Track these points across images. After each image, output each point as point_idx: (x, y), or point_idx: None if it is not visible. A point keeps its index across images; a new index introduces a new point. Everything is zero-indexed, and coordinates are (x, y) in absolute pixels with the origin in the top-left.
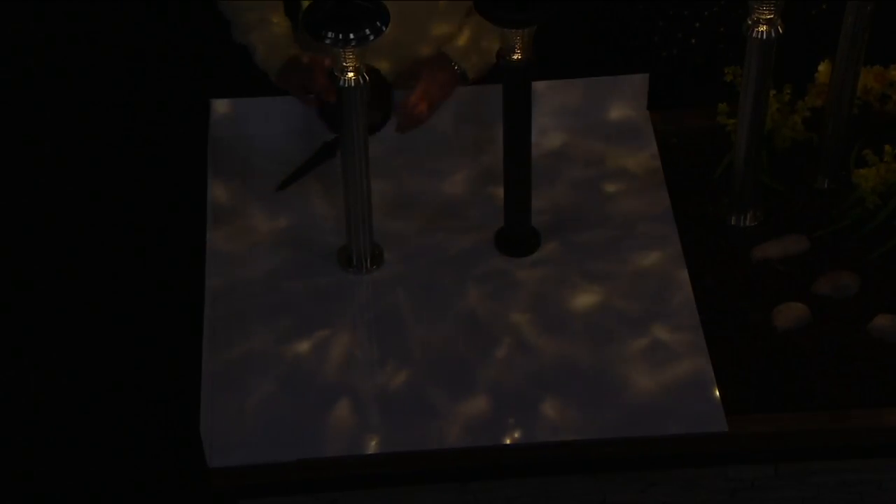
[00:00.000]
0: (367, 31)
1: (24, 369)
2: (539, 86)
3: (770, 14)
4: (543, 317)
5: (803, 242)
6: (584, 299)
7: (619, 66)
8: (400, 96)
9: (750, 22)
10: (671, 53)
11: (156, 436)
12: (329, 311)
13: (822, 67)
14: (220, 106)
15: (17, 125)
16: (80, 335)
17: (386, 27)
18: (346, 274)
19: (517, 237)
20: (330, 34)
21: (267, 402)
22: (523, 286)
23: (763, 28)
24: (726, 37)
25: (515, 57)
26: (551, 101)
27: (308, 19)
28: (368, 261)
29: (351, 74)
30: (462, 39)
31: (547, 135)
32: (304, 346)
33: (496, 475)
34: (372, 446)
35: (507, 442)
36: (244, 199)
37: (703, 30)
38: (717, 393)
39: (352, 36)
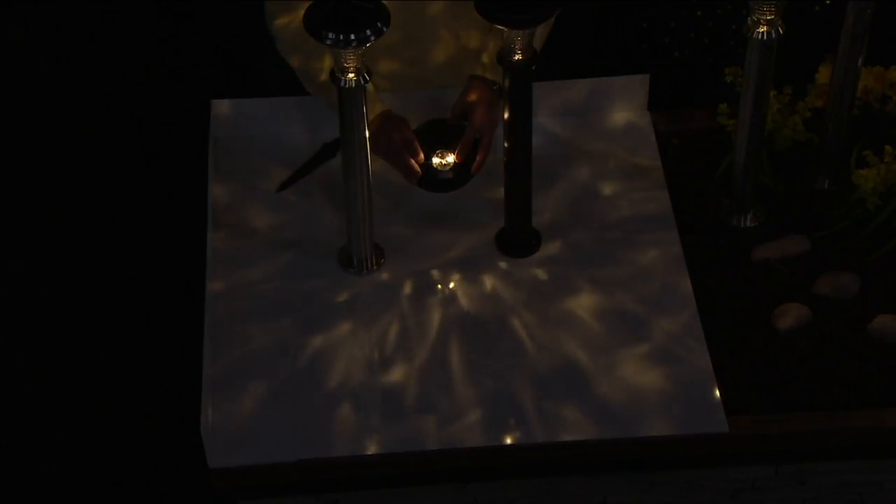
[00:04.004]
0: (368, 32)
1: (24, 369)
2: (540, 86)
3: (771, 14)
4: (544, 317)
5: (804, 243)
6: (585, 300)
7: (630, 68)
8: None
9: (750, 22)
10: (684, 54)
11: (156, 436)
12: (329, 312)
13: (823, 68)
14: (221, 106)
15: (17, 125)
16: (81, 335)
17: (387, 27)
18: (346, 274)
19: (518, 238)
20: (330, 35)
21: (267, 402)
22: (524, 287)
23: (763, 28)
24: (738, 36)
25: (517, 58)
26: (552, 101)
27: (308, 20)
28: (369, 261)
29: (352, 75)
30: (488, 55)
31: (548, 135)
32: (304, 347)
33: (496, 475)
34: (372, 447)
35: (508, 442)
36: (245, 200)
37: (716, 30)
38: (718, 393)
39: (352, 37)
